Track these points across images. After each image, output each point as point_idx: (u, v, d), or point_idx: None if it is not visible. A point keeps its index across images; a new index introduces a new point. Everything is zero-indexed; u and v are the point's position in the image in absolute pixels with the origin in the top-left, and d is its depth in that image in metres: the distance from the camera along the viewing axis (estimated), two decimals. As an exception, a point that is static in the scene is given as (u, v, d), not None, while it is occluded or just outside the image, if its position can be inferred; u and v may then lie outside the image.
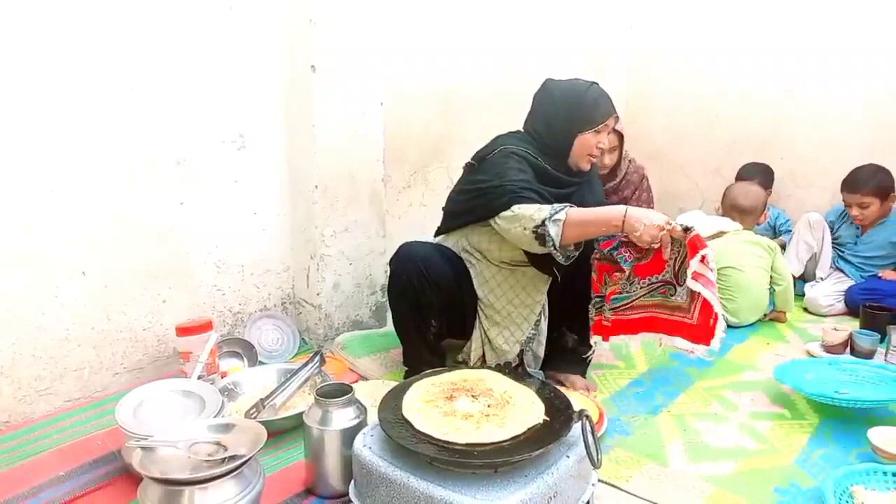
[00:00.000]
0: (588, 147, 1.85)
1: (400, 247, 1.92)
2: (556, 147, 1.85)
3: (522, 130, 1.94)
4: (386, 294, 2.50)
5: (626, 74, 3.77)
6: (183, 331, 1.92)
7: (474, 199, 1.83)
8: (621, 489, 1.48)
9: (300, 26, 2.12)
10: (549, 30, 3.34)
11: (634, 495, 1.46)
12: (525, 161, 1.80)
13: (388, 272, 1.95)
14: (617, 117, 1.89)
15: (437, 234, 2.06)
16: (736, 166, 3.32)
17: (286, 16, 2.16)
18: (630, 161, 2.88)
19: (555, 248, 1.63)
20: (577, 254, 1.70)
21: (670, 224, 1.62)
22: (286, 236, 2.36)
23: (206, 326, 1.94)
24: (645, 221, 1.60)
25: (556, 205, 1.66)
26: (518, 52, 3.15)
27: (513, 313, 1.93)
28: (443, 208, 2.04)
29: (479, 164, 1.87)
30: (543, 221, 1.62)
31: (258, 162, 2.22)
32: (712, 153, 3.52)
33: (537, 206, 1.67)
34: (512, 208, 1.68)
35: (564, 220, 1.61)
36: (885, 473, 1.42)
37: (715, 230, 2.60)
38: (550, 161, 1.84)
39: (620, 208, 1.64)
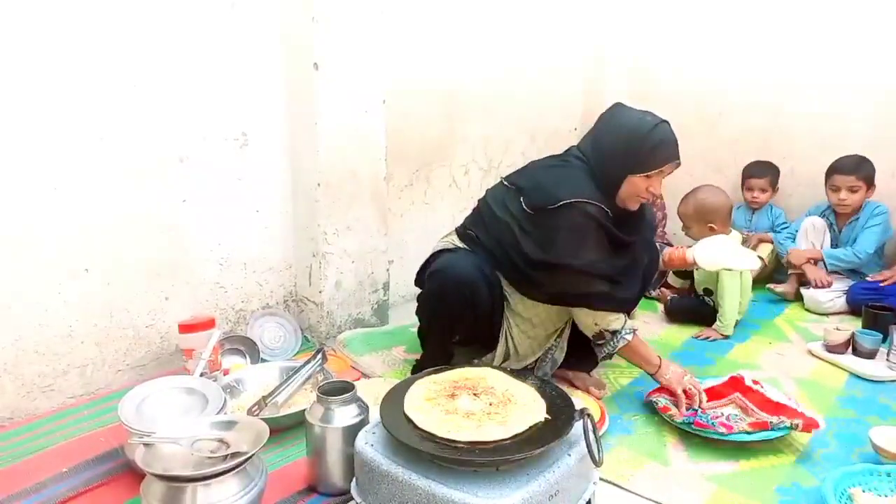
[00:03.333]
0: (637, 190, 1.71)
1: (442, 263, 1.80)
2: (605, 182, 1.71)
3: (579, 152, 1.80)
4: (387, 293, 2.52)
5: (627, 73, 3.76)
6: (186, 328, 1.93)
7: (550, 276, 1.69)
8: (623, 488, 1.48)
9: (302, 24, 2.12)
10: (550, 29, 3.33)
11: (636, 494, 1.46)
12: (601, 229, 1.68)
13: (428, 287, 1.84)
14: (678, 164, 1.72)
15: (464, 234, 1.90)
16: (738, 164, 3.31)
17: (288, 14, 2.16)
18: None
19: (605, 351, 1.81)
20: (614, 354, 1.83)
21: (684, 392, 1.74)
22: (289, 234, 2.36)
23: (208, 324, 1.94)
24: (668, 377, 1.78)
25: (629, 323, 1.80)
26: (520, 52, 3.15)
27: (544, 326, 1.89)
28: (477, 213, 1.90)
29: (542, 214, 1.68)
30: (614, 332, 1.77)
31: (261, 160, 2.23)
32: (714, 152, 3.51)
33: (616, 314, 1.77)
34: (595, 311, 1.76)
35: (625, 344, 1.78)
36: (882, 474, 1.42)
37: (721, 266, 2.10)
38: (604, 200, 1.70)
39: (656, 359, 1.81)
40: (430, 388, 1.36)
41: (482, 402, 1.31)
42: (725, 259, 2.00)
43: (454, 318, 1.79)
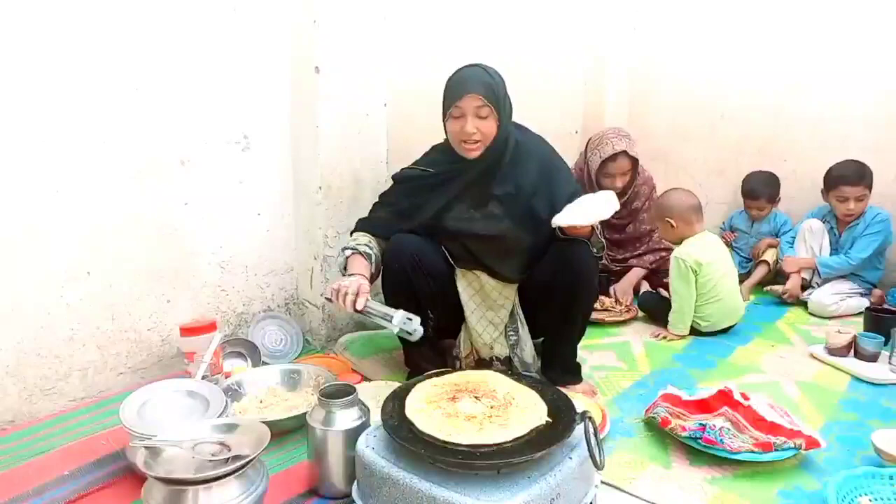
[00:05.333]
0: (453, 134, 1.80)
1: (391, 238, 1.91)
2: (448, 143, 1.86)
3: None
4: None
5: (628, 75, 3.77)
6: (187, 331, 1.93)
7: None
8: (624, 491, 1.48)
9: (304, 28, 2.13)
10: (552, 31, 3.34)
11: (637, 497, 1.46)
12: (404, 184, 1.95)
13: (384, 261, 1.93)
14: (473, 96, 1.72)
15: None
16: (739, 167, 3.31)
17: (290, 17, 2.17)
18: (640, 172, 2.90)
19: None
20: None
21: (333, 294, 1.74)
22: (290, 237, 2.36)
23: (210, 327, 1.95)
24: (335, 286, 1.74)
25: (360, 241, 1.89)
26: (521, 54, 3.15)
27: (487, 312, 1.94)
28: None
29: None
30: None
31: (262, 163, 2.23)
32: (715, 154, 3.52)
33: (360, 234, 1.92)
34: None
35: (344, 260, 1.85)
36: (883, 477, 1.41)
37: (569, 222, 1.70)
38: (442, 160, 1.89)
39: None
40: (432, 391, 1.36)
41: (483, 404, 1.31)
42: (576, 217, 1.69)
43: (413, 287, 1.84)
